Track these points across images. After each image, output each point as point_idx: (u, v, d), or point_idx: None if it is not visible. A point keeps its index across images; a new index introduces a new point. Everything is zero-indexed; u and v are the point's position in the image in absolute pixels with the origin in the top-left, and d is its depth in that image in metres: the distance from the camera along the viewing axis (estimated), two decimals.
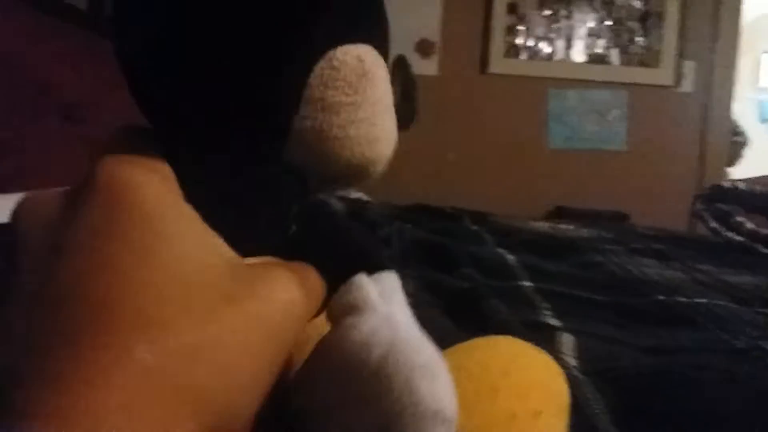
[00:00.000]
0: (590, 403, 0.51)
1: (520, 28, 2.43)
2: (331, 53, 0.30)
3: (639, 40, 2.48)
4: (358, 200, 1.86)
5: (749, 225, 1.41)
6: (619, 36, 2.48)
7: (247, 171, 0.31)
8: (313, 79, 0.30)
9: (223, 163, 0.31)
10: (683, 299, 0.87)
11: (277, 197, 0.32)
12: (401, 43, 2.38)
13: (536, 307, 0.76)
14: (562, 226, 1.57)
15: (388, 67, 0.36)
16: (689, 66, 2.53)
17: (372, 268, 0.32)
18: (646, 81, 2.51)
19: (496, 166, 2.51)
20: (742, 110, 3.31)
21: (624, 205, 2.46)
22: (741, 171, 3.03)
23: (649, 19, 2.48)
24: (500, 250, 1.13)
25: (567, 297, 0.84)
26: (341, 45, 0.31)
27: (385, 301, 0.30)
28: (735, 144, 2.91)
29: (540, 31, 2.45)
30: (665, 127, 2.55)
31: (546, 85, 2.50)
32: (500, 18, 2.42)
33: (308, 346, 0.32)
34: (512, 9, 2.43)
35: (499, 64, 2.44)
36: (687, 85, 2.54)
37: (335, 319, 0.31)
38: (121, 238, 0.23)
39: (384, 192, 2.29)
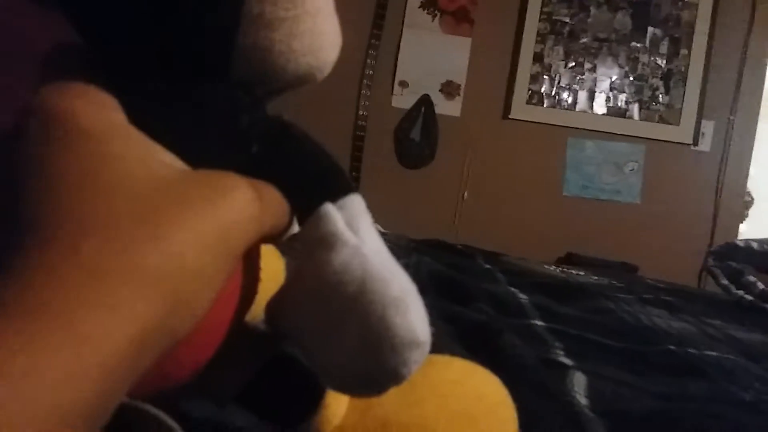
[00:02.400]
0: None
1: (545, 77, 2.48)
2: None
3: (660, 97, 2.52)
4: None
5: (760, 285, 1.42)
6: (640, 92, 2.52)
7: (194, 90, 0.31)
8: None
9: (167, 83, 0.31)
10: (693, 351, 0.88)
11: (227, 113, 0.32)
12: (428, 83, 2.44)
13: (549, 346, 0.77)
14: (573, 271, 1.58)
15: None
16: (708, 126, 2.56)
17: (337, 193, 0.32)
18: (665, 138, 2.54)
19: (510, 209, 2.53)
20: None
21: (634, 257, 2.47)
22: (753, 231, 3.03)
23: (672, 77, 2.52)
24: (512, 289, 1.14)
25: (579, 339, 0.85)
26: None
27: (352, 230, 0.31)
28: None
29: (563, 81, 2.49)
30: (680, 183, 2.57)
31: (566, 134, 2.54)
32: (525, 66, 2.47)
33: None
34: (538, 58, 2.48)
35: (520, 111, 2.48)
36: (705, 144, 2.57)
37: (307, 252, 0.31)
38: (65, 160, 0.23)
39: (399, 224, 2.31)
